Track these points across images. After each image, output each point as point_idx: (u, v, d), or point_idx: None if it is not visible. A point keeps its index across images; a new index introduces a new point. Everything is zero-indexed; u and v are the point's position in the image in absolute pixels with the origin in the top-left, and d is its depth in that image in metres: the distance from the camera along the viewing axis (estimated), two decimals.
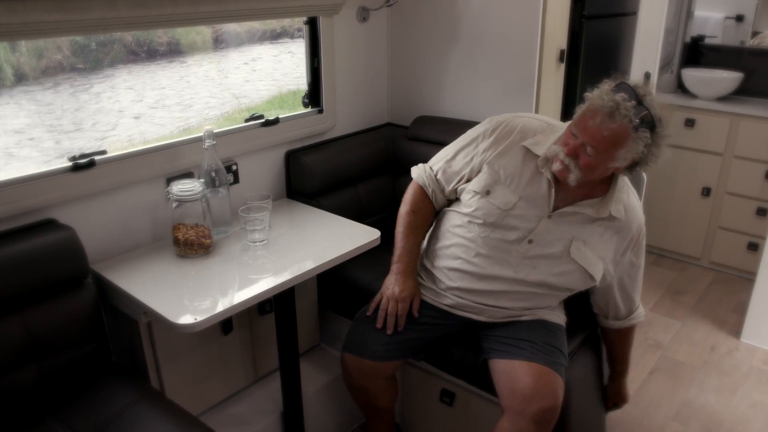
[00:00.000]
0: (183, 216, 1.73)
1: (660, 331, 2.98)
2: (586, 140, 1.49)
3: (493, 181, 1.68)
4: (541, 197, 1.65)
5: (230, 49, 2.26)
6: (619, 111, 1.43)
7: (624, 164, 1.53)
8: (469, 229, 1.70)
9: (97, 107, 1.87)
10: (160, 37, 2.01)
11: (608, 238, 1.66)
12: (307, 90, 2.32)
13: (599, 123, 1.46)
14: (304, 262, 1.71)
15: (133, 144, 1.92)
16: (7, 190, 1.55)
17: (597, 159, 1.50)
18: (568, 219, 1.64)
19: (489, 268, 1.68)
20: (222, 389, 1.98)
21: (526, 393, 1.57)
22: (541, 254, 1.65)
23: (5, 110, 1.68)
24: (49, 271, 1.54)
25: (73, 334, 1.58)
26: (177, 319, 1.46)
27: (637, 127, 1.45)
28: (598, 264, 1.66)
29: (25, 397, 1.50)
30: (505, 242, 1.66)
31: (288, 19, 2.28)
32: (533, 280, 1.67)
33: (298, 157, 2.20)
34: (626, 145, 1.47)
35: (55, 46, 1.75)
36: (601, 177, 1.59)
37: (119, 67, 1.91)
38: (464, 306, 1.74)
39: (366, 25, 2.42)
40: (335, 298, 2.21)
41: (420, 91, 2.52)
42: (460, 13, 2.32)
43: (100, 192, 1.75)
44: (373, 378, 1.81)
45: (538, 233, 1.64)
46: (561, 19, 2.37)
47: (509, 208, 1.65)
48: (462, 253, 1.71)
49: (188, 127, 2.10)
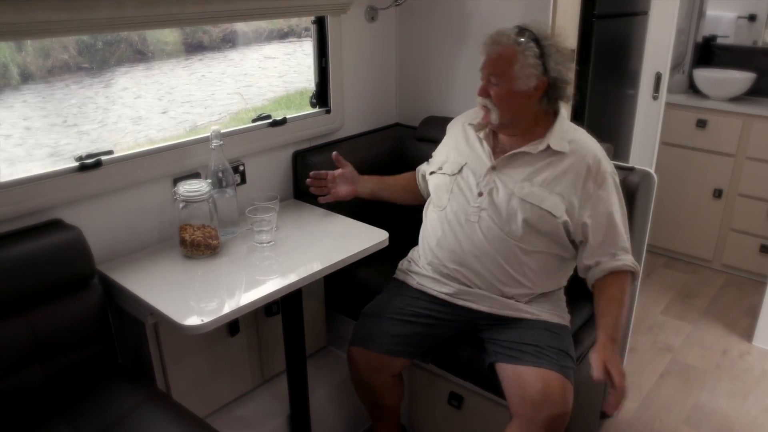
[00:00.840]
0: (190, 216, 1.72)
1: (671, 335, 2.95)
2: (486, 73, 1.70)
3: (444, 160, 1.89)
4: (482, 155, 1.79)
5: (237, 48, 2.25)
6: (500, 35, 1.67)
7: (531, 83, 1.66)
8: (436, 205, 1.85)
9: (102, 107, 1.87)
10: (167, 36, 2.00)
11: (560, 173, 1.69)
12: (314, 90, 2.30)
13: (488, 52, 1.69)
14: (312, 264, 1.69)
15: (138, 144, 1.91)
16: (13, 190, 1.54)
17: (501, 85, 1.67)
18: (512, 165, 1.74)
19: (461, 231, 1.76)
20: (228, 391, 1.97)
21: (536, 400, 1.56)
22: (493, 203, 1.72)
23: (11, 109, 1.67)
24: (56, 271, 1.53)
25: (79, 335, 1.57)
26: (184, 320, 1.44)
27: (519, 43, 1.65)
28: (552, 198, 1.67)
29: (31, 397, 1.49)
30: (464, 203, 1.77)
31: (295, 19, 2.27)
32: (496, 230, 1.71)
33: (306, 157, 2.19)
34: (517, 59, 1.64)
35: (61, 46, 1.74)
36: (519, 108, 1.70)
37: (125, 66, 1.91)
38: (463, 293, 1.76)
39: (374, 24, 2.40)
40: (342, 299, 2.20)
41: (429, 91, 2.51)
42: (469, 12, 2.31)
43: (107, 192, 1.74)
44: (380, 373, 1.82)
45: (485, 185, 1.75)
46: (571, 18, 2.35)
47: (456, 172, 1.82)
48: (438, 229, 1.82)
49: (194, 127, 2.10)
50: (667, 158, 3.47)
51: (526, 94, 1.67)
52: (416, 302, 1.82)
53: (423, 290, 1.84)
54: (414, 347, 1.81)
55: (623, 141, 2.95)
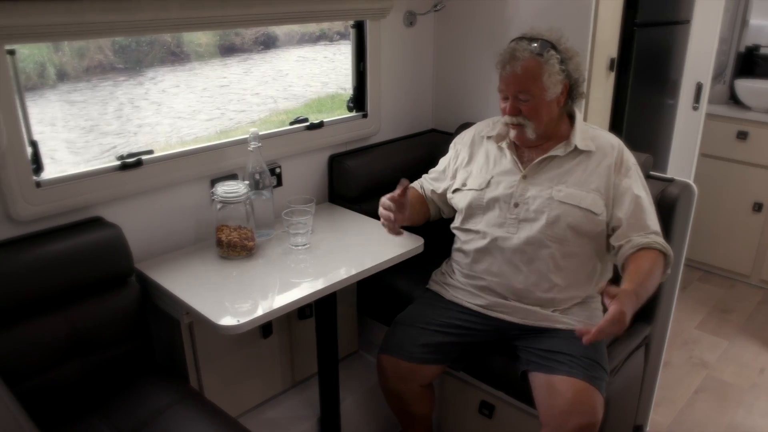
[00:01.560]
0: (226, 217, 1.73)
1: (706, 350, 2.89)
2: (513, 91, 1.67)
3: (467, 176, 1.85)
4: (510, 166, 1.78)
5: (269, 51, 2.27)
6: (517, 50, 1.65)
7: (558, 89, 1.66)
8: (469, 221, 1.82)
9: (136, 107, 1.89)
10: (200, 38, 2.02)
11: (591, 171, 1.70)
12: (351, 94, 2.31)
13: (510, 69, 1.65)
14: (347, 268, 1.69)
15: (170, 145, 1.93)
16: (57, 187, 1.57)
17: (532, 99, 1.65)
18: (543, 170, 1.74)
19: (498, 244, 1.74)
20: (259, 392, 1.98)
21: (565, 409, 1.55)
22: (531, 210, 1.71)
23: (49, 108, 1.70)
24: (96, 268, 1.56)
25: (116, 332, 1.60)
26: (219, 320, 1.45)
27: (540, 53, 1.63)
28: (592, 196, 1.67)
29: (69, 391, 1.52)
30: (497, 216, 1.76)
31: (327, 23, 2.27)
32: (537, 237, 1.69)
33: (342, 161, 2.19)
34: (544, 70, 1.63)
35: (97, 46, 1.77)
36: (550, 116, 1.70)
37: (159, 67, 1.93)
38: (497, 305, 1.75)
39: (413, 29, 2.40)
40: (374, 304, 2.19)
41: (465, 97, 2.49)
42: (508, 19, 2.28)
43: (146, 191, 1.76)
44: (409, 382, 1.81)
45: (518, 195, 1.74)
46: (612, 26, 2.32)
47: (484, 186, 1.79)
48: (473, 244, 1.80)
49: (226, 129, 2.11)
50: (705, 170, 3.39)
51: (556, 101, 1.69)
52: (448, 313, 1.82)
53: (456, 302, 1.84)
54: (444, 355, 1.80)
55: (661, 152, 2.89)
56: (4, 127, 1.43)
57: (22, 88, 1.50)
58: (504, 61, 1.67)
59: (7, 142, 1.44)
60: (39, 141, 1.55)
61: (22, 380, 1.42)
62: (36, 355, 1.46)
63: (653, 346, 2.05)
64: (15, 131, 1.45)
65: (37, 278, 1.46)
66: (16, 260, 1.45)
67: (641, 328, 1.96)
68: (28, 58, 1.58)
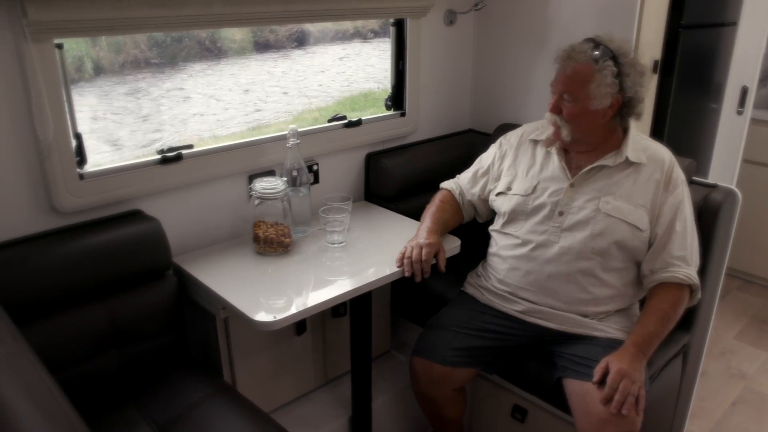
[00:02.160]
0: (263, 214, 1.74)
1: (744, 361, 2.82)
2: (560, 90, 1.64)
3: (511, 179, 1.82)
4: (557, 172, 1.74)
5: (302, 48, 2.27)
6: (575, 50, 1.62)
7: (606, 102, 1.61)
8: (510, 227, 1.79)
9: (171, 103, 1.90)
10: (234, 34, 2.03)
11: (641, 185, 1.66)
12: (388, 92, 2.30)
13: (562, 67, 1.64)
14: (382, 267, 1.68)
15: (203, 140, 1.94)
16: (99, 180, 1.59)
17: (575, 103, 1.62)
18: (591, 180, 1.70)
19: (538, 252, 1.71)
20: (291, 389, 1.98)
21: (602, 418, 1.51)
22: (575, 221, 1.68)
23: (88, 101, 1.72)
24: (135, 261, 1.58)
25: (154, 325, 1.61)
26: (255, 316, 1.46)
27: (597, 60, 1.59)
28: (639, 212, 1.64)
29: (107, 382, 1.54)
30: (540, 224, 1.72)
31: (361, 21, 2.26)
32: (579, 248, 1.66)
33: (379, 159, 2.18)
34: (594, 78, 1.59)
35: (133, 41, 1.78)
36: (591, 126, 1.66)
37: (193, 62, 1.94)
38: (534, 311, 1.73)
39: (453, 28, 2.38)
40: (408, 304, 2.18)
41: (504, 97, 2.46)
42: (551, 19, 2.25)
43: (185, 186, 1.77)
44: (441, 386, 1.79)
45: (564, 203, 1.70)
46: (657, 27, 2.27)
47: (530, 192, 1.75)
48: (512, 250, 1.77)
49: (258, 126, 2.12)
50: (748, 176, 3.30)
51: (600, 113, 1.64)
52: (482, 316, 1.80)
53: (492, 306, 1.82)
54: (477, 358, 1.78)
55: (703, 157, 2.83)
56: (51, 120, 1.45)
57: (69, 81, 1.52)
58: (560, 58, 1.66)
59: (53, 134, 1.46)
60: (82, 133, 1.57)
61: (62, 369, 1.44)
62: (76, 345, 1.49)
63: (691, 355, 2.01)
64: (61, 124, 1.48)
65: (78, 269, 1.49)
66: (58, 251, 1.47)
67: (680, 336, 1.92)
68: (67, 53, 1.60)
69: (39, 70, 1.41)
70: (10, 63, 1.40)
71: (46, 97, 1.43)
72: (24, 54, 1.39)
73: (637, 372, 1.51)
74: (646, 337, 1.57)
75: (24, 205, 1.50)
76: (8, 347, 1.07)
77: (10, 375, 0.97)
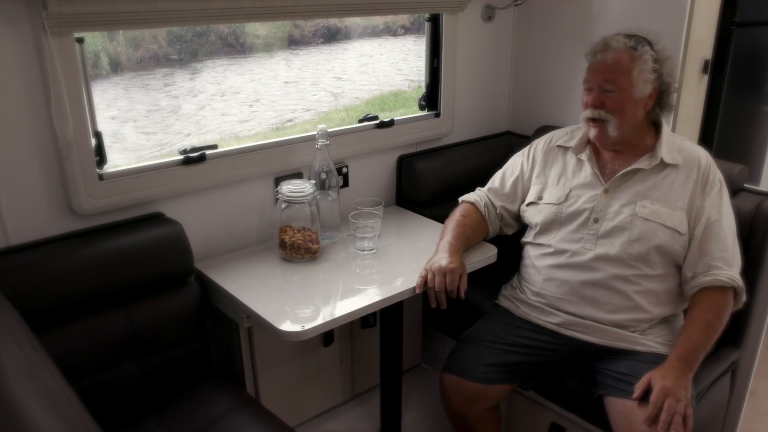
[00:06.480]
0: (290, 218, 1.69)
1: None
2: (599, 81, 1.61)
3: (542, 188, 1.78)
4: (590, 179, 1.71)
5: (329, 44, 2.21)
6: (611, 41, 1.61)
7: (647, 90, 1.60)
8: (544, 237, 1.74)
9: (194, 99, 1.86)
10: (257, 29, 1.97)
11: (679, 187, 1.63)
12: (424, 92, 2.23)
13: (600, 59, 1.61)
14: (415, 276, 1.61)
15: (224, 139, 1.89)
16: (119, 181, 1.55)
17: (619, 92, 1.59)
18: (626, 184, 1.66)
19: (575, 261, 1.67)
20: (318, 403, 1.93)
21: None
22: (611, 227, 1.64)
23: (105, 97, 1.68)
24: (155, 266, 1.54)
25: (175, 333, 1.57)
26: (281, 325, 1.40)
27: (634, 47, 1.59)
28: (678, 214, 1.61)
29: (126, 392, 1.51)
30: (575, 232, 1.69)
31: (391, 16, 2.20)
32: (615, 254, 1.62)
33: (412, 162, 2.12)
34: (635, 64, 1.58)
35: (151, 36, 1.74)
36: (635, 116, 1.62)
37: (213, 59, 1.90)
38: (573, 324, 1.68)
39: (491, 24, 2.31)
40: (441, 316, 2.08)
41: (544, 98, 2.39)
42: (595, 15, 2.17)
43: (208, 188, 1.73)
44: (473, 404, 1.72)
45: (599, 210, 1.67)
46: (708, 25, 2.19)
47: (562, 201, 1.72)
48: (547, 260, 1.73)
49: (282, 126, 2.07)
50: None
51: (642, 102, 1.62)
52: (518, 330, 1.74)
53: (528, 319, 1.75)
54: (513, 374, 1.71)
55: (756, 163, 2.77)
56: (71, 117, 1.41)
57: (89, 77, 1.48)
58: (595, 50, 1.63)
59: (72, 132, 1.42)
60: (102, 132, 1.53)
61: (80, 378, 1.40)
62: (95, 352, 1.45)
63: (740, 373, 1.96)
64: (81, 121, 1.44)
65: (97, 274, 1.45)
66: (76, 255, 1.44)
67: (728, 353, 1.86)
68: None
69: (59, 65, 1.37)
70: (29, 58, 1.36)
71: (66, 94, 1.39)
72: (43, 48, 1.35)
73: (683, 389, 1.44)
74: (691, 349, 1.51)
75: (42, 206, 1.46)
76: (27, 355, 1.05)
77: (30, 383, 0.95)
